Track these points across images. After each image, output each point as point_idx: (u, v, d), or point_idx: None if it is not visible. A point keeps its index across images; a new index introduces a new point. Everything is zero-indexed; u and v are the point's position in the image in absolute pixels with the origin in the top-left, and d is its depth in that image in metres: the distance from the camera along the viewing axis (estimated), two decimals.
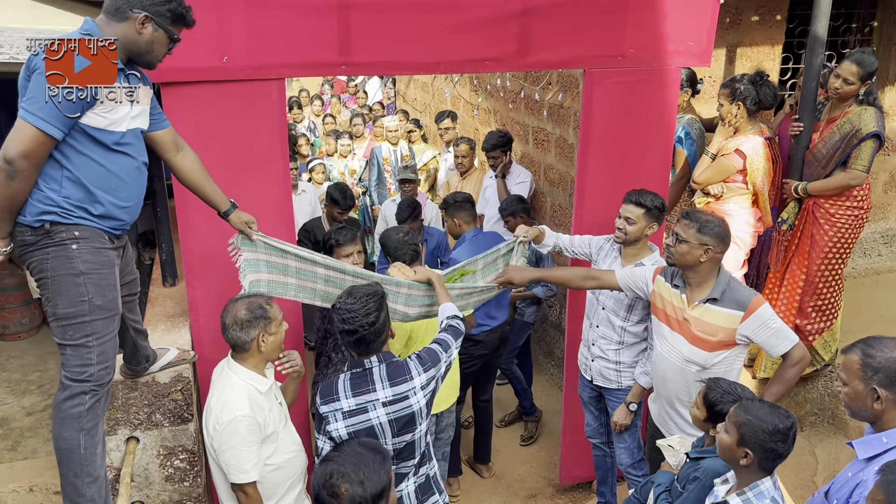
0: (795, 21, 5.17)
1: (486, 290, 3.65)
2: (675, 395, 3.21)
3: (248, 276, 3.07)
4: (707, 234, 2.98)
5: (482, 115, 7.40)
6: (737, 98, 4.03)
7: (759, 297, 2.97)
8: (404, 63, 3.47)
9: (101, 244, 2.51)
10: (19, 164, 2.27)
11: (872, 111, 3.93)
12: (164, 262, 4.15)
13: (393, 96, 11.16)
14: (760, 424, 2.20)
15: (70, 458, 2.55)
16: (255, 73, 3.21)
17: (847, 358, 2.22)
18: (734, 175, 4.10)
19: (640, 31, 3.63)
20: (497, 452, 5.04)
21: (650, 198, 3.42)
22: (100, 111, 2.37)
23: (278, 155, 3.39)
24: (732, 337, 2.99)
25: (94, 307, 2.50)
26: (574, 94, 5.22)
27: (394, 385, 2.63)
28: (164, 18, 2.45)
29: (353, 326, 2.59)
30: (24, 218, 2.40)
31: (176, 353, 3.31)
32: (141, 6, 2.40)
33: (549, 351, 6.07)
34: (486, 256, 3.67)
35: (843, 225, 4.15)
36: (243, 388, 2.67)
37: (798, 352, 2.96)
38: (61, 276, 2.45)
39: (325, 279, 3.22)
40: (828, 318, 4.45)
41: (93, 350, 2.51)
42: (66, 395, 2.52)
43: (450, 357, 2.84)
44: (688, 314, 3.08)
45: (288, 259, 3.13)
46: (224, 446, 2.61)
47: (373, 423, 2.62)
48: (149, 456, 3.28)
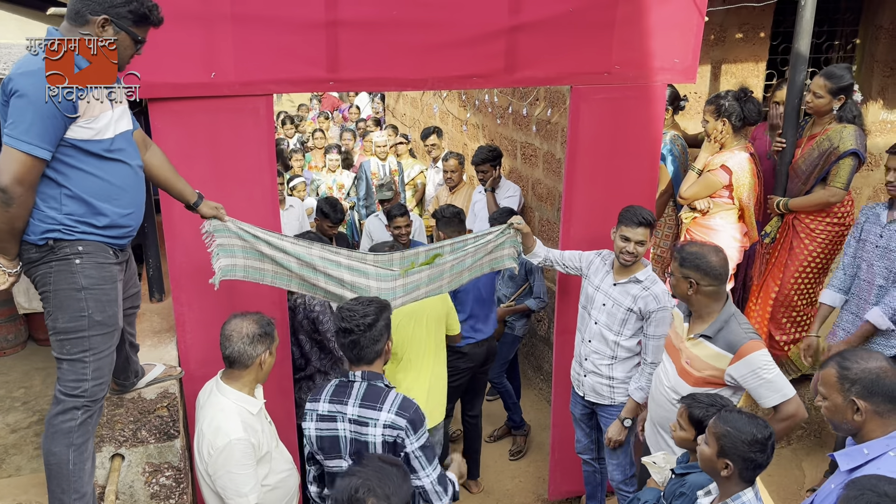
0: (779, 38, 5.24)
1: (477, 269, 3.70)
2: (657, 419, 3.22)
3: (221, 260, 3.09)
4: (687, 267, 2.97)
5: (470, 131, 7.44)
6: (722, 114, 4.08)
7: (753, 343, 2.88)
8: (392, 79, 3.49)
9: (104, 259, 2.52)
10: (13, 191, 2.28)
11: (852, 129, 3.98)
12: (151, 277, 4.13)
13: (381, 111, 11.20)
14: (739, 435, 2.22)
15: (59, 474, 2.53)
16: (242, 89, 3.23)
17: (824, 372, 2.24)
18: (720, 190, 4.14)
19: (626, 48, 3.67)
20: (486, 467, 5.03)
21: (648, 214, 3.44)
22: (83, 123, 2.38)
23: (266, 170, 3.40)
24: (720, 377, 2.95)
25: (94, 322, 2.50)
26: (562, 110, 5.27)
27: (362, 406, 2.59)
28: (125, 20, 2.41)
29: (349, 325, 2.59)
30: (28, 237, 2.41)
31: (163, 368, 3.30)
32: (101, 9, 2.36)
33: (537, 365, 6.08)
34: (477, 240, 3.62)
35: (824, 240, 4.19)
36: (234, 410, 2.65)
37: (789, 408, 2.86)
38: (63, 291, 2.46)
39: (299, 265, 3.24)
40: (802, 328, 4.49)
41: (89, 365, 2.52)
42: (59, 410, 2.52)
43: (416, 476, 2.60)
44: (683, 344, 3.08)
45: (260, 244, 3.15)
46: (220, 471, 2.59)
47: (339, 434, 2.62)
48: (134, 473, 3.25)
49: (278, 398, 3.60)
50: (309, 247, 3.25)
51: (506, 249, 3.75)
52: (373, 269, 3.36)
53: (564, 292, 4.13)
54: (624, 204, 3.61)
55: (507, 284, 5.09)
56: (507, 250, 3.76)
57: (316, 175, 7.92)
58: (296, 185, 6.92)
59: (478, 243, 3.61)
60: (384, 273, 3.38)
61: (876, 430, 2.15)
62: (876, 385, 2.13)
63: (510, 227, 3.68)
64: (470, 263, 3.64)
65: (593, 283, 3.67)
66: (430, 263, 3.49)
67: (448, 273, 3.57)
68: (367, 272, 3.35)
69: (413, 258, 3.45)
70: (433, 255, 3.50)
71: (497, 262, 3.79)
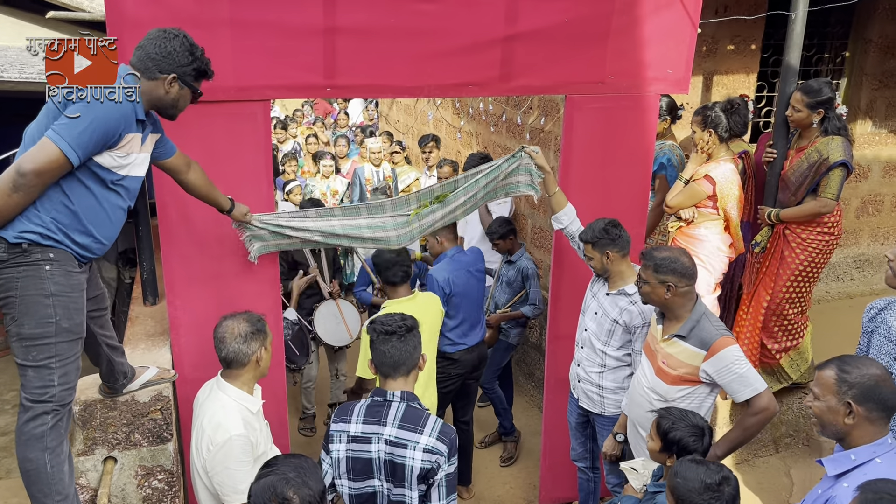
0: (770, 51, 5.31)
1: (492, 194, 3.80)
2: (637, 420, 3.27)
3: (254, 244, 3.37)
4: (663, 272, 3.02)
5: (464, 138, 7.48)
6: (708, 125, 4.14)
7: (725, 339, 2.96)
8: (388, 86, 3.51)
9: (72, 268, 2.52)
10: (30, 179, 2.31)
11: (840, 140, 4.04)
12: (145, 280, 4.13)
13: (376, 118, 11.24)
14: (688, 484, 2.27)
15: (38, 479, 2.52)
16: (240, 94, 3.24)
17: (822, 373, 2.28)
18: (705, 201, 4.18)
19: (620, 58, 3.71)
20: (477, 473, 5.04)
21: (589, 232, 3.50)
22: (115, 153, 2.47)
23: (262, 175, 3.41)
24: (696, 374, 3.01)
25: (61, 329, 2.48)
26: (555, 119, 5.31)
27: (402, 428, 2.52)
28: (190, 77, 2.59)
29: (391, 328, 2.58)
30: (4, 232, 2.39)
31: (156, 371, 3.30)
32: (170, 69, 2.53)
33: (529, 372, 6.10)
34: (489, 173, 3.67)
35: (815, 250, 4.25)
36: (235, 407, 2.67)
37: (761, 401, 2.92)
38: (30, 296, 2.43)
39: (323, 237, 3.49)
40: (794, 337, 4.54)
41: (55, 371, 2.49)
42: (28, 417, 2.49)
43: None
44: (658, 345, 3.14)
45: (285, 231, 3.39)
46: (219, 467, 2.60)
47: (372, 457, 2.55)
48: (126, 476, 3.24)
49: (272, 405, 3.60)
50: (329, 217, 3.48)
51: (521, 176, 3.75)
52: (391, 221, 3.55)
53: (557, 298, 4.16)
54: (617, 212, 3.65)
55: (505, 290, 5.12)
56: (521, 177, 3.76)
57: (309, 180, 7.94)
58: (292, 190, 6.94)
59: (489, 175, 3.67)
60: (402, 221, 3.58)
61: (864, 436, 2.19)
62: (873, 391, 2.17)
63: (522, 149, 3.68)
64: (482, 195, 3.74)
65: (592, 290, 3.71)
66: (441, 201, 3.62)
67: (461, 208, 3.71)
68: (386, 226, 3.55)
69: (428, 196, 3.63)
70: (447, 192, 3.64)
71: (513, 188, 3.81)
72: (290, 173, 7.97)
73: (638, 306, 3.46)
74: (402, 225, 3.58)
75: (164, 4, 3.01)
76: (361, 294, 5.22)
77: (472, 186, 3.64)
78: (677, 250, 3.12)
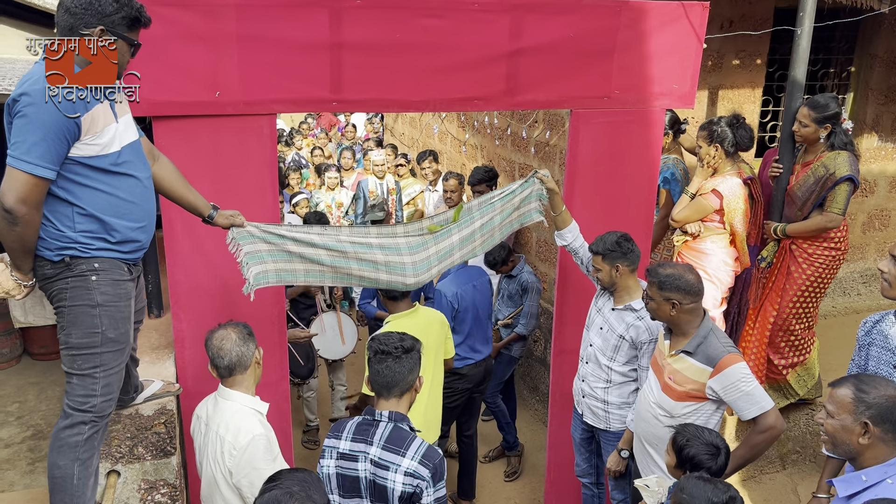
0: (775, 65, 5.32)
1: (507, 226, 3.70)
2: (643, 435, 3.24)
3: (252, 269, 3.08)
4: (668, 289, 3.01)
5: (469, 151, 7.49)
6: (714, 140, 4.14)
7: (732, 356, 2.93)
8: (394, 101, 3.53)
9: (119, 276, 2.53)
10: (18, 210, 2.27)
11: (846, 155, 4.03)
12: (149, 293, 4.13)
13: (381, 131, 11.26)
14: (694, 502, 2.24)
15: (63, 488, 2.53)
16: (246, 108, 3.25)
17: (837, 392, 2.26)
18: (712, 215, 4.18)
19: (626, 73, 3.72)
20: (481, 488, 5.01)
21: (601, 244, 3.46)
22: (88, 140, 2.36)
23: (268, 189, 3.41)
24: (702, 391, 2.99)
25: (106, 339, 2.51)
26: (560, 133, 5.32)
27: (385, 449, 2.49)
28: (120, 27, 2.37)
29: (387, 347, 2.55)
30: (43, 252, 2.41)
31: (160, 384, 3.29)
32: (95, 21, 2.32)
33: (533, 386, 6.08)
34: (504, 196, 3.60)
35: (821, 265, 4.23)
36: (247, 410, 2.69)
37: (768, 420, 2.90)
38: (78, 307, 2.46)
39: (330, 256, 3.22)
40: (800, 352, 4.52)
41: (98, 381, 2.52)
42: (67, 424, 2.52)
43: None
44: (665, 361, 3.12)
45: (287, 244, 3.13)
46: (246, 468, 2.59)
47: (359, 475, 2.53)
48: (129, 490, 3.22)
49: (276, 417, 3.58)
50: (337, 234, 3.25)
51: (532, 203, 3.73)
52: (404, 242, 3.33)
53: (562, 313, 4.14)
54: (622, 226, 3.64)
55: (507, 304, 5.10)
56: (533, 204, 3.73)
57: (314, 193, 7.96)
58: (298, 202, 6.95)
59: (504, 199, 3.61)
60: (417, 244, 3.37)
61: (877, 456, 2.17)
62: (891, 412, 2.16)
63: (535, 174, 3.66)
64: (500, 221, 3.65)
65: (597, 304, 3.69)
66: (456, 220, 3.48)
67: (479, 233, 3.58)
68: (400, 248, 3.32)
69: (441, 220, 3.48)
70: (458, 211, 3.51)
71: (526, 217, 3.77)
72: (294, 186, 7.99)
73: (645, 322, 3.44)
74: (418, 248, 3.37)
75: (171, 20, 3.02)
76: (366, 307, 5.21)
77: (488, 209, 3.58)
78: (682, 266, 3.10)
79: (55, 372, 4.82)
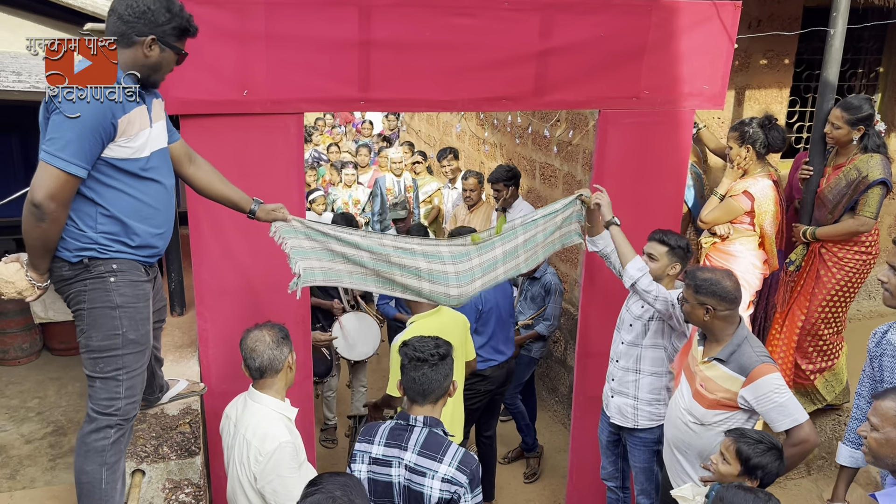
0: (803, 65, 5.24)
1: (550, 245, 3.66)
2: (672, 441, 3.20)
3: (298, 263, 3.01)
4: (703, 294, 2.96)
5: (489, 150, 7.45)
6: (746, 141, 4.08)
7: (766, 366, 2.87)
8: (422, 100, 3.50)
9: (137, 277, 2.52)
10: (47, 207, 2.26)
11: (879, 158, 3.97)
12: (172, 290, 4.13)
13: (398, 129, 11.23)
14: None
15: (90, 493, 2.52)
16: (274, 107, 3.24)
17: (882, 404, 2.22)
18: (742, 217, 4.12)
19: (655, 73, 3.67)
20: (501, 490, 4.98)
21: (675, 238, 3.45)
22: (122, 142, 2.37)
23: (294, 187, 3.40)
24: (734, 399, 2.93)
25: (127, 341, 2.50)
26: (583, 132, 5.27)
27: (421, 455, 2.47)
28: (171, 37, 2.41)
29: (423, 355, 2.54)
30: (62, 253, 2.40)
31: (186, 384, 3.28)
32: (147, 30, 2.35)
33: (552, 387, 6.04)
34: (546, 215, 3.57)
35: (851, 269, 4.17)
36: (275, 416, 2.67)
37: (801, 433, 2.83)
38: (97, 309, 2.45)
39: (373, 259, 3.14)
40: (829, 357, 4.45)
41: (122, 384, 2.51)
42: (92, 428, 2.51)
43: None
44: (697, 367, 3.07)
45: (330, 242, 3.07)
46: (271, 475, 2.58)
47: (392, 480, 2.51)
48: (154, 489, 3.22)
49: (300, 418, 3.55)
50: (380, 238, 3.19)
51: (573, 224, 3.70)
52: (447, 252, 3.28)
53: (587, 316, 4.10)
54: (650, 227, 3.59)
55: (529, 306, 5.06)
56: (573, 225, 3.70)
57: (331, 190, 7.94)
58: (315, 199, 6.93)
59: (546, 217, 3.57)
60: (459, 253, 3.31)
61: None
62: None
63: (578, 197, 3.62)
64: (542, 239, 3.61)
65: (627, 304, 3.67)
66: (499, 232, 3.43)
67: (522, 249, 3.54)
68: (443, 256, 3.25)
69: (485, 232, 3.43)
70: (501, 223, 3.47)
71: (567, 238, 3.72)
72: (311, 183, 7.97)
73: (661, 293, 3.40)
74: (461, 257, 3.31)
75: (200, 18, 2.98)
76: (385, 307, 5.17)
77: (531, 226, 3.53)
78: (721, 272, 3.04)
79: (75, 367, 4.81)
